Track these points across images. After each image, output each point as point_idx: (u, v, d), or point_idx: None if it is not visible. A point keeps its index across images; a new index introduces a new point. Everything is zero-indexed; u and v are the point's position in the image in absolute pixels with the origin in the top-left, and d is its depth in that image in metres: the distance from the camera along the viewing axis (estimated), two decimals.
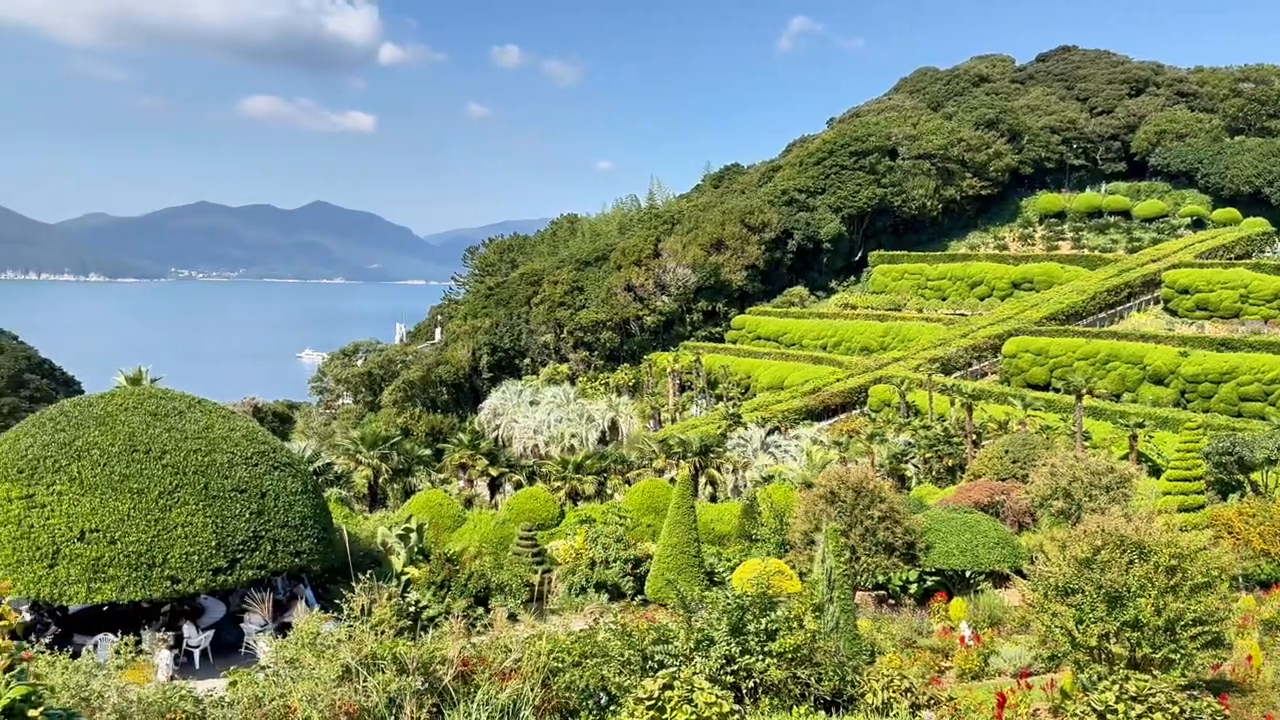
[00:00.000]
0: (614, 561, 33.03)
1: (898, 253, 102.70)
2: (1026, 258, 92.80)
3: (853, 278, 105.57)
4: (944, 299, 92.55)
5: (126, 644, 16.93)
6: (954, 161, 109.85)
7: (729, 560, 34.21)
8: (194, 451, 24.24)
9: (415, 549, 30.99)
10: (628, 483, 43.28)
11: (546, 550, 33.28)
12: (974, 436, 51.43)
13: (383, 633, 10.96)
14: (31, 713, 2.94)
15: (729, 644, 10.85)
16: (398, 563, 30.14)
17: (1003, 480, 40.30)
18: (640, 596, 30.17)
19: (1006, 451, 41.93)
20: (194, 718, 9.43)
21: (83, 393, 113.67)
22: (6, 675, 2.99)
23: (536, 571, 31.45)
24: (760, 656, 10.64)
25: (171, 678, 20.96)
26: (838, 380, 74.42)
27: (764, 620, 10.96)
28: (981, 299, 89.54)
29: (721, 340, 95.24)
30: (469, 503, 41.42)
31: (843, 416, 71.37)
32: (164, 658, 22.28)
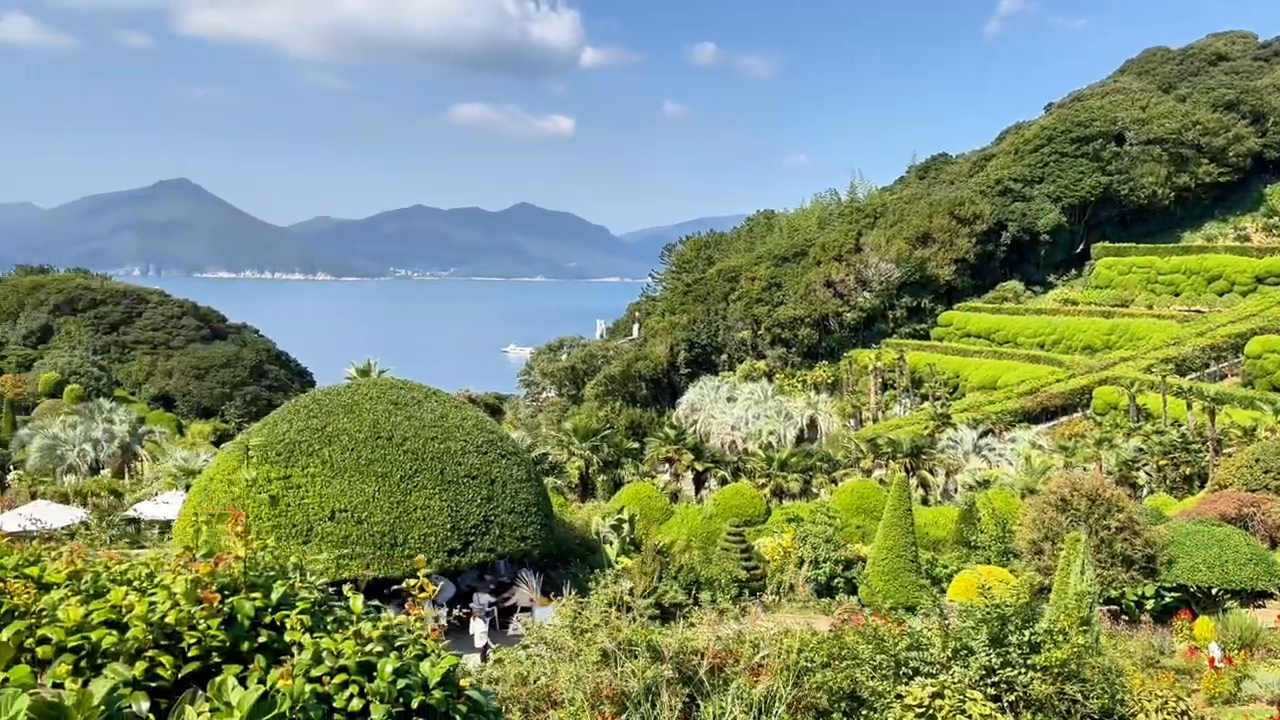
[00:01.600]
0: (824, 562, 32.52)
1: (1124, 245, 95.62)
2: (1273, 250, 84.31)
3: (1073, 271, 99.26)
4: (1177, 294, 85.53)
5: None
6: (1188, 146, 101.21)
7: (945, 566, 32.98)
8: (431, 439, 25.69)
9: (627, 540, 31.64)
10: (834, 482, 42.49)
11: (754, 547, 33.16)
12: (1214, 443, 47.22)
13: (635, 619, 11.19)
14: (463, 681, 3.11)
15: (989, 654, 10.38)
16: (611, 552, 30.87)
17: (1253, 492, 36.81)
18: (854, 598, 29.58)
19: (1258, 460, 38.24)
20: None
21: (314, 383, 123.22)
22: (419, 646, 3.17)
23: (745, 568, 31.42)
24: (1023, 669, 10.12)
25: (485, 646, 22.38)
26: (1057, 381, 70.26)
27: (1026, 632, 10.42)
28: (1220, 294, 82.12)
29: (927, 337, 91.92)
30: (674, 496, 41.88)
31: (1063, 420, 67.30)
32: (479, 627, 23.84)
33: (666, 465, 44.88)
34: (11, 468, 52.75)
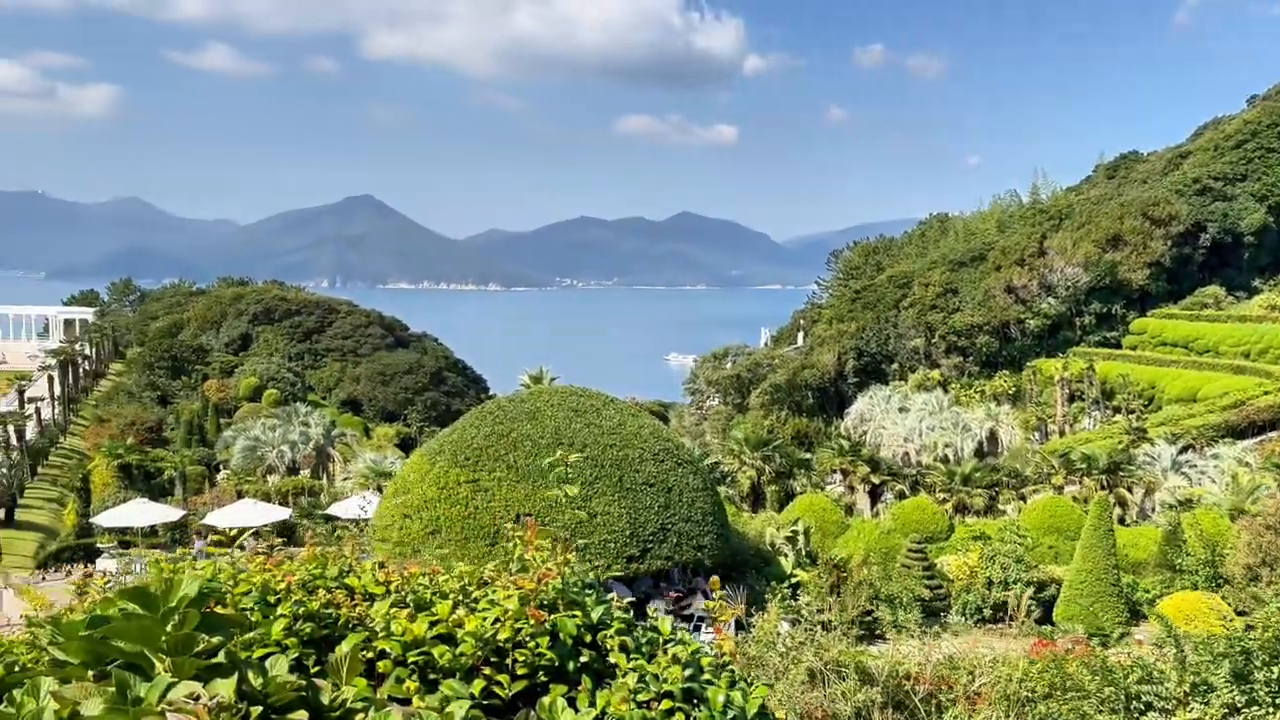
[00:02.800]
0: (1013, 583, 30.91)
1: None
2: None
3: None
4: None
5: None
6: None
7: (1147, 590, 30.76)
8: (610, 446, 26.00)
9: (803, 552, 31.05)
10: (1021, 498, 40.40)
11: (936, 565, 31.90)
12: None
13: (843, 638, 10.83)
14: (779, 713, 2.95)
15: (1232, 691, 9.46)
16: (786, 564, 30.37)
17: None
18: (1049, 625, 27.97)
19: None
20: None
21: (488, 389, 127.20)
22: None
23: (927, 586, 30.25)
24: (1272, 709, 9.16)
25: None
26: (1265, 393, 64.58)
27: (1275, 668, 9.44)
28: None
29: (1118, 346, 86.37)
30: (848, 509, 40.88)
31: (1271, 435, 61.76)
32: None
33: (841, 476, 43.87)
34: (221, 467, 56.81)
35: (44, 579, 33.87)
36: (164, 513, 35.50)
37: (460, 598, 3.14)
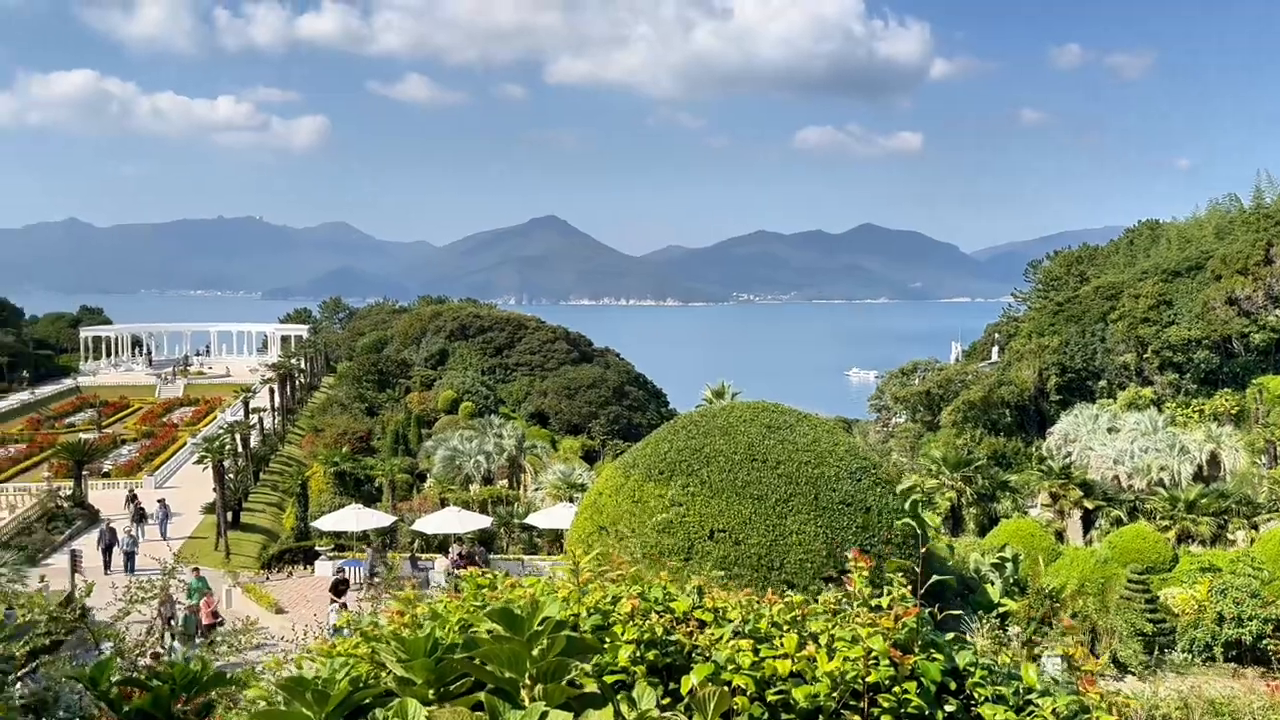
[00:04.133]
0: (1248, 620, 28.23)
1: None
2: None
3: None
4: None
5: None
6: None
7: None
8: (805, 463, 25.49)
9: (1010, 580, 29.45)
10: (1254, 527, 36.91)
11: (1159, 598, 29.54)
12: None
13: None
14: None
15: None
16: (994, 593, 28.78)
17: None
18: None
19: None
20: None
21: (668, 404, 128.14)
22: None
23: (1150, 620, 28.04)
24: None
25: None
26: None
27: None
28: None
29: None
30: (1058, 535, 38.52)
31: None
32: None
33: (1052, 500, 41.42)
34: (426, 475, 59.74)
35: (268, 578, 36.51)
36: (377, 518, 37.62)
37: (795, 630, 2.98)
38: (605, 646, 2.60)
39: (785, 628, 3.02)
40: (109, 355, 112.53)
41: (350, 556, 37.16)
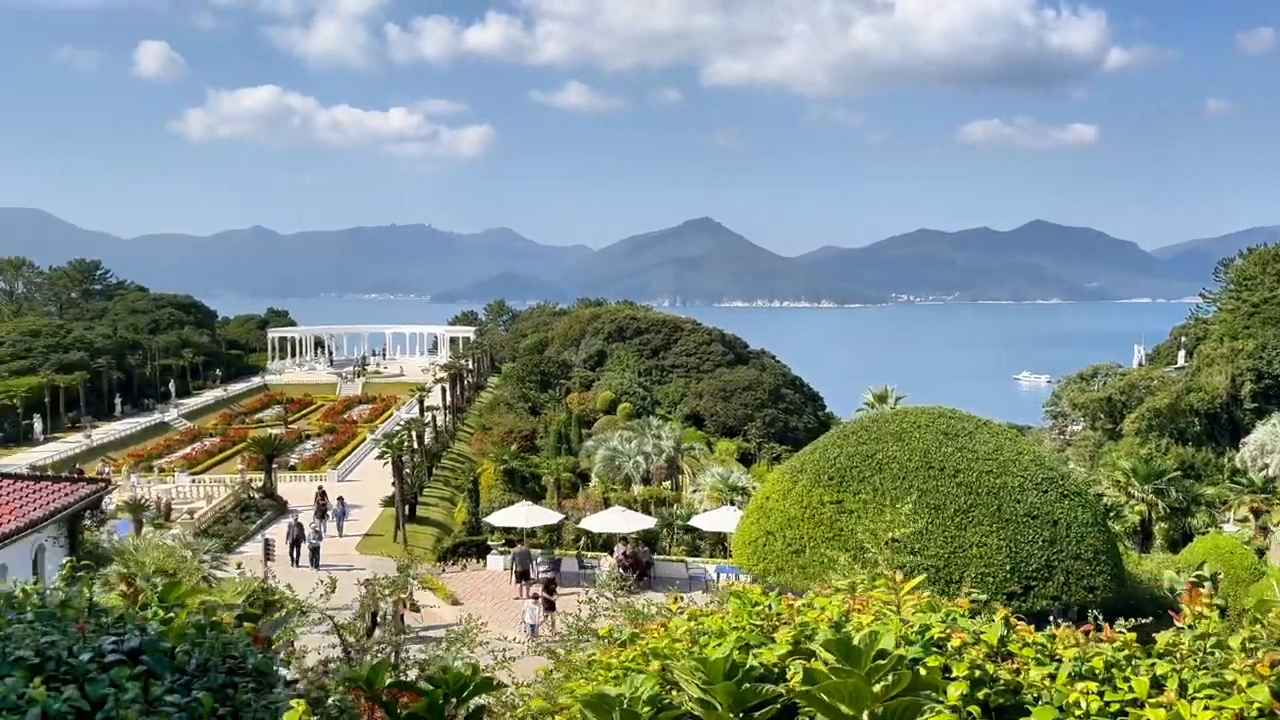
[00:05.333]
0: None
1: None
2: None
3: None
4: None
5: None
6: None
7: None
8: (986, 473, 24.43)
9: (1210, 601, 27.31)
10: None
11: None
12: None
13: None
14: None
15: None
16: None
17: None
18: None
19: None
20: None
21: (825, 407, 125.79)
22: None
23: None
24: None
25: None
26: None
27: None
28: None
29: None
30: (1260, 553, 35.51)
31: None
32: None
33: (1254, 516, 38.27)
34: (589, 474, 60.80)
35: (444, 570, 37.92)
36: (546, 516, 38.52)
37: (1132, 670, 2.69)
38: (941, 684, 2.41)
39: (1123, 667, 2.72)
40: (293, 355, 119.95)
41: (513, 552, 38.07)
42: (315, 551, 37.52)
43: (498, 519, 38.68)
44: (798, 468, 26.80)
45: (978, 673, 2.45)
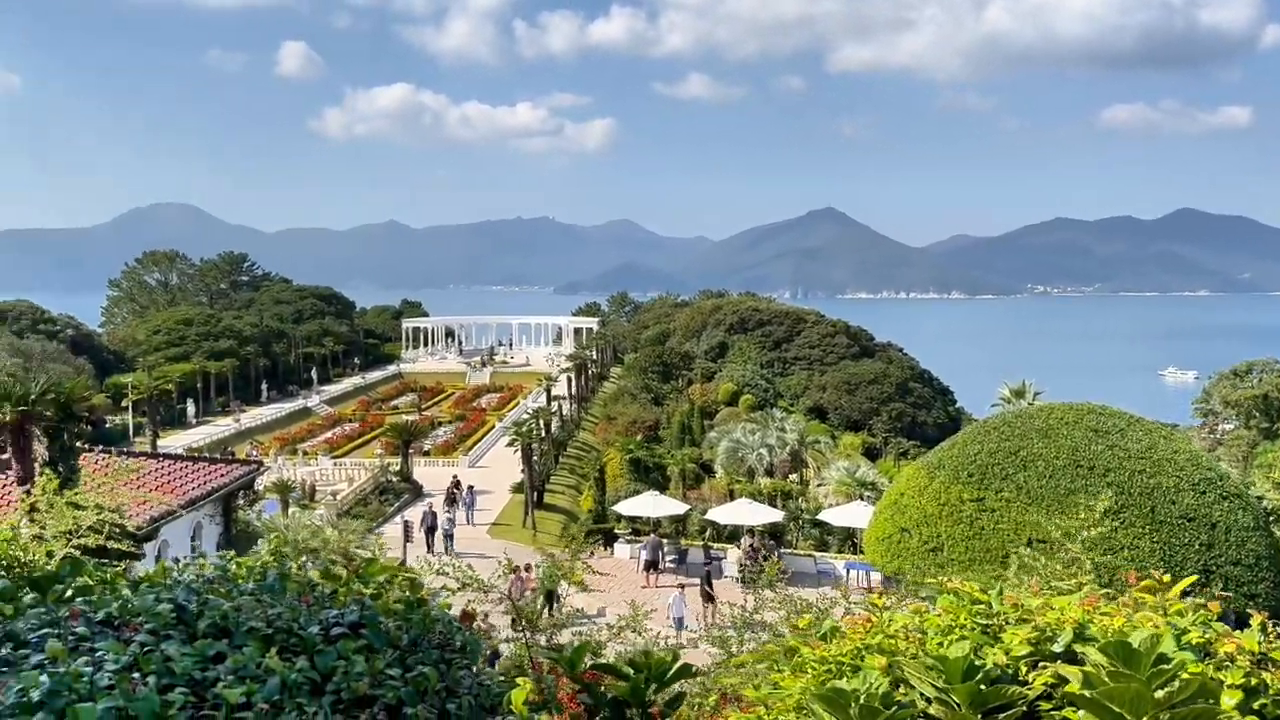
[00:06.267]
0: None
1: None
2: None
3: None
4: None
5: None
6: None
7: None
8: (1138, 472, 23.22)
9: None
10: None
11: None
12: None
13: None
14: None
15: None
16: None
17: None
18: None
19: None
20: None
21: (955, 402, 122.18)
22: None
23: None
24: None
25: None
26: None
27: None
28: None
29: None
30: None
31: None
32: None
33: None
34: (713, 465, 60.77)
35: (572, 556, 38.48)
36: (672, 506, 38.66)
37: None
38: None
39: None
40: (425, 345, 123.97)
41: (641, 541, 38.32)
42: (449, 538, 38.57)
43: (625, 508, 39.03)
44: (935, 463, 26.05)
45: (1252, 680, 2.26)
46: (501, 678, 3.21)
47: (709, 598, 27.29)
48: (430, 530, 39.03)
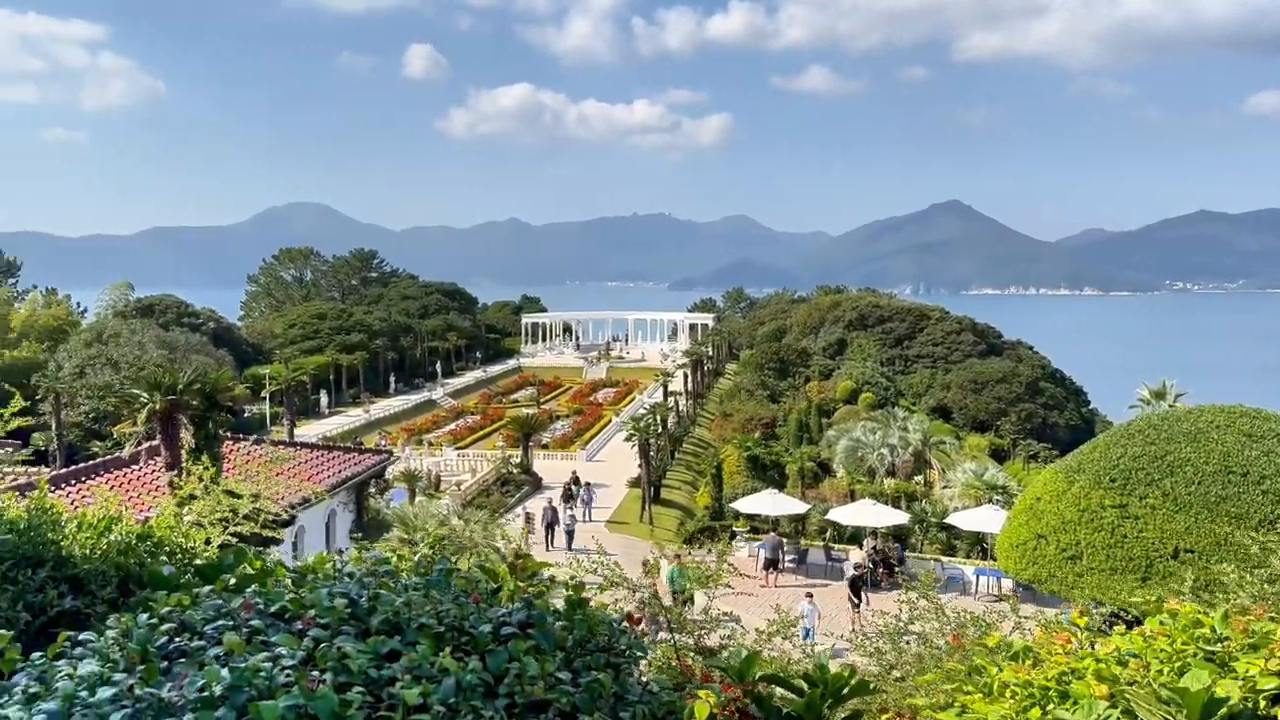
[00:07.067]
0: None
1: None
2: None
3: None
4: None
5: None
6: None
7: None
8: None
9: None
10: None
11: None
12: None
13: None
14: None
15: None
16: None
17: None
18: None
19: None
20: None
21: (1089, 403, 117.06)
22: None
23: None
24: None
25: None
26: None
27: None
28: None
29: None
30: None
31: None
32: None
33: None
34: (831, 464, 59.77)
35: (689, 553, 38.37)
36: (792, 505, 38.08)
37: None
38: None
39: None
40: (544, 340, 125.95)
41: (759, 539, 37.93)
42: (570, 534, 38.71)
43: (743, 505, 38.68)
44: (1074, 467, 24.86)
45: None
46: (671, 686, 3.06)
47: (857, 606, 26.74)
48: (550, 526, 39.35)
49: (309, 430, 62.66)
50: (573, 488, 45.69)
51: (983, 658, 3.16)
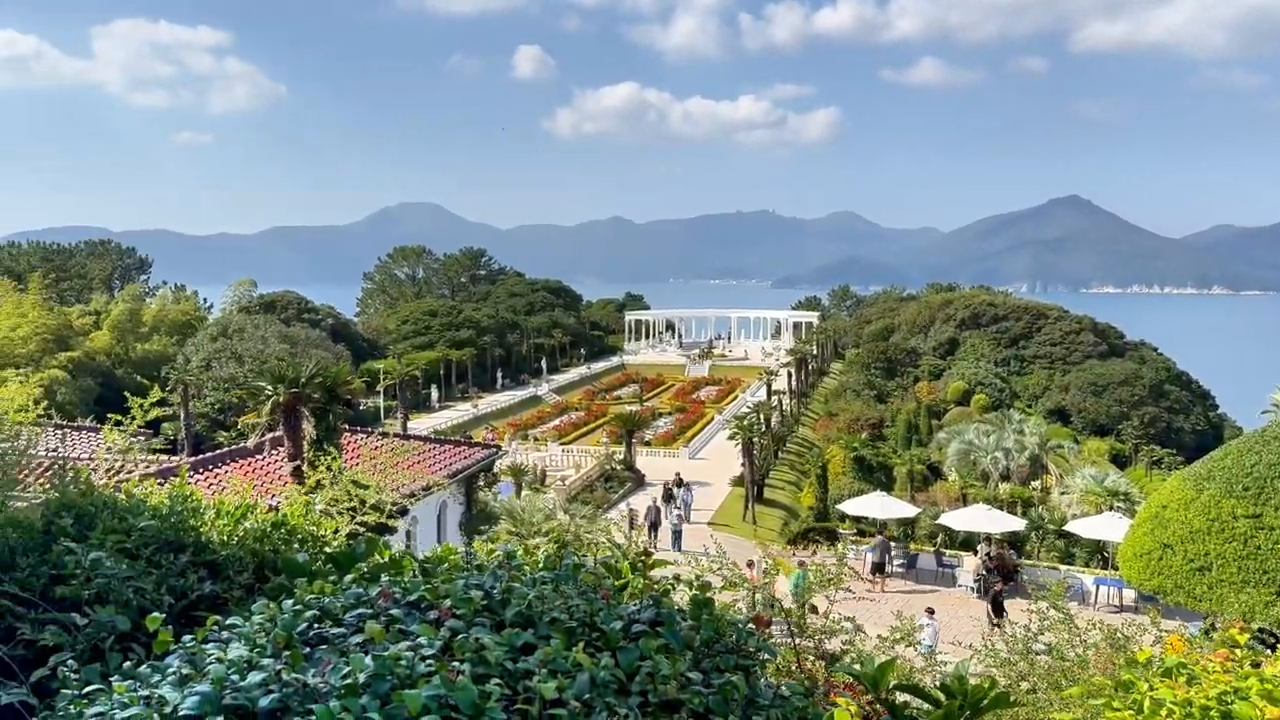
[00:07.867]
0: None
1: None
2: None
3: None
4: None
5: None
6: None
7: None
8: None
9: None
10: None
11: None
12: None
13: None
14: None
15: None
16: None
17: None
18: None
19: None
20: None
21: (1217, 408, 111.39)
22: None
23: None
24: None
25: None
26: None
27: None
28: None
29: None
30: None
31: None
32: None
33: None
34: (942, 468, 58.35)
35: (794, 554, 37.97)
36: (901, 508, 37.27)
37: None
38: None
39: None
40: (647, 337, 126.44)
41: (867, 543, 37.26)
42: (677, 535, 38.34)
43: (850, 507, 38.04)
44: (1203, 475, 23.64)
45: None
46: (802, 691, 3.01)
47: (998, 626, 25.98)
48: (654, 526, 39.18)
49: (420, 424, 64.35)
50: (674, 489, 45.50)
51: (1130, 673, 3.00)
